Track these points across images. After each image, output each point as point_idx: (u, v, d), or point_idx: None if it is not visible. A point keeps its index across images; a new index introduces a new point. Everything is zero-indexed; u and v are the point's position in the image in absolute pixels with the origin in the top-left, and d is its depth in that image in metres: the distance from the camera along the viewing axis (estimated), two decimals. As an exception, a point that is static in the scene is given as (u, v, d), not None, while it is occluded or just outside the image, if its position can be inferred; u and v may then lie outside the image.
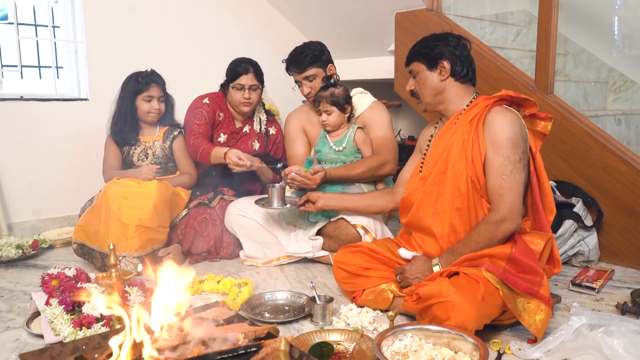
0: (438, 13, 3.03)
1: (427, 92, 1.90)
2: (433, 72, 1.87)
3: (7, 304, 1.99)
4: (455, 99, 1.88)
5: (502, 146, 1.71)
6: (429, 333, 1.50)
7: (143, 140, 2.66)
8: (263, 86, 2.70)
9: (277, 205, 2.25)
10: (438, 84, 1.87)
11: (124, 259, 2.27)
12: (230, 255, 2.57)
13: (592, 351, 1.44)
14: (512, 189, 1.70)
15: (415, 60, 1.91)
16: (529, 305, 1.60)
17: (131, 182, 2.44)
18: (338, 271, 1.97)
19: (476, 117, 1.78)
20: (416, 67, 1.91)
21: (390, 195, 2.16)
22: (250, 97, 2.63)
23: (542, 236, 1.75)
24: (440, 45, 1.86)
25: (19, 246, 2.55)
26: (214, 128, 2.72)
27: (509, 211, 1.70)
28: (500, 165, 1.71)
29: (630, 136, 3.27)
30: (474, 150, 1.75)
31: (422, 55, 1.89)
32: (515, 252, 1.64)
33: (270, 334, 1.34)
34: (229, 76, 2.66)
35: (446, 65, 1.85)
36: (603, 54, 3.47)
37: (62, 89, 3.18)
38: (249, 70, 2.61)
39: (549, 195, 1.79)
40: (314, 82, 2.51)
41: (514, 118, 1.74)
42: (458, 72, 1.86)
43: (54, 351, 1.28)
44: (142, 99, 2.58)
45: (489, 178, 1.73)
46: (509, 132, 1.71)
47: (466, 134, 1.78)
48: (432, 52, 1.87)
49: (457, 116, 1.86)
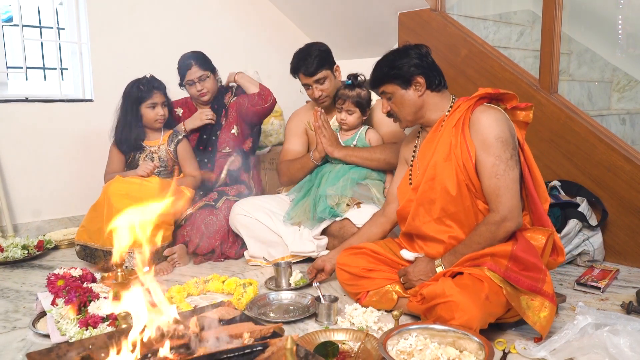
0: (441, 13, 3.03)
1: (407, 111, 1.86)
2: (408, 90, 1.83)
3: (13, 304, 2.00)
4: (435, 108, 1.85)
5: (492, 145, 1.69)
6: (434, 332, 1.50)
7: (148, 145, 2.67)
8: (214, 71, 2.77)
9: (284, 285, 2.16)
10: (416, 100, 1.84)
11: (128, 255, 2.27)
12: (235, 255, 2.57)
13: (597, 350, 1.43)
14: (508, 187, 1.69)
15: (385, 83, 1.86)
16: (532, 302, 1.60)
17: (133, 179, 2.45)
18: (341, 273, 1.96)
19: (460, 120, 1.76)
20: (389, 89, 1.86)
21: (383, 217, 2.11)
22: (204, 88, 2.70)
23: (543, 231, 1.74)
24: (407, 62, 1.82)
25: (24, 247, 2.56)
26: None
27: (508, 210, 1.69)
28: (492, 165, 1.69)
29: (634, 135, 3.26)
30: (463, 153, 1.74)
31: (393, 76, 1.83)
32: (517, 249, 1.64)
33: (276, 333, 1.35)
34: (180, 77, 2.74)
35: (420, 81, 1.82)
36: (607, 53, 3.46)
37: (67, 90, 3.19)
38: (191, 65, 2.68)
39: (542, 184, 1.78)
40: (324, 85, 2.50)
41: (498, 115, 1.73)
42: (433, 84, 1.83)
43: (60, 350, 1.29)
44: (146, 107, 2.58)
45: (483, 179, 1.72)
46: (496, 131, 1.70)
47: (453, 138, 1.76)
48: (401, 71, 1.82)
49: (441, 122, 1.84)
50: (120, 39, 3.18)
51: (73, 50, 3.18)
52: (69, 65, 3.24)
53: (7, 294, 2.12)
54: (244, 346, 1.24)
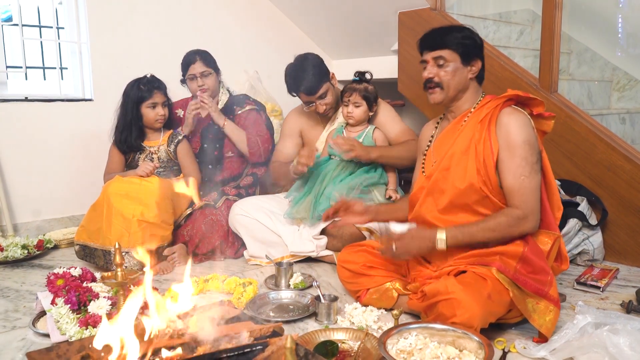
0: (441, 12, 3.02)
1: (455, 86, 1.82)
2: (465, 67, 1.82)
3: (13, 304, 2.00)
4: (468, 98, 1.86)
5: (519, 148, 1.69)
6: (433, 331, 1.50)
7: (148, 145, 2.66)
8: (217, 72, 2.77)
9: (284, 285, 2.15)
10: (466, 80, 1.83)
11: (127, 254, 2.27)
12: (235, 255, 2.57)
13: (597, 349, 1.43)
14: (533, 190, 1.69)
15: (449, 48, 1.80)
16: (538, 305, 1.60)
17: (132, 179, 2.45)
18: (342, 271, 1.97)
19: (487, 116, 1.76)
20: (449, 56, 1.79)
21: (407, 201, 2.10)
22: (205, 84, 2.69)
23: (550, 235, 1.75)
24: (476, 42, 1.82)
25: (24, 246, 2.56)
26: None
27: (530, 211, 1.68)
28: (517, 166, 1.69)
29: (634, 135, 3.26)
30: (485, 149, 1.73)
31: (460, 46, 1.80)
32: (528, 251, 1.64)
33: (276, 332, 1.35)
34: (182, 70, 2.74)
35: (477, 65, 1.83)
36: (607, 52, 3.46)
37: (67, 90, 3.19)
38: (196, 59, 2.69)
39: (556, 193, 1.79)
40: (326, 98, 2.51)
41: (526, 120, 1.74)
42: (482, 75, 1.85)
43: (60, 350, 1.29)
44: (146, 107, 2.58)
45: (506, 178, 1.71)
46: (524, 135, 1.70)
47: (477, 133, 1.76)
48: (469, 47, 1.80)
49: (466, 115, 1.84)
50: (120, 39, 3.18)
51: (73, 50, 3.18)
52: (68, 65, 3.24)
53: (7, 293, 2.12)
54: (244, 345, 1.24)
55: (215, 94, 2.80)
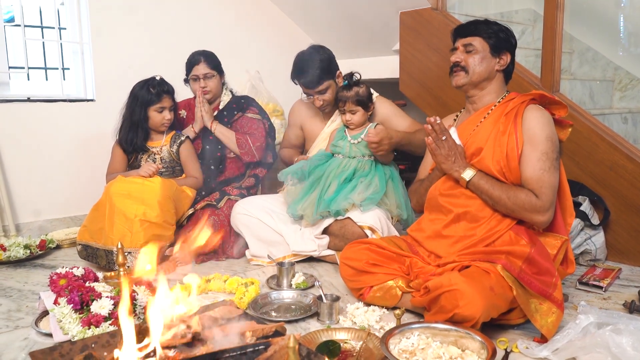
0: (443, 12, 3.02)
1: (481, 72, 1.87)
2: (493, 58, 1.87)
3: (15, 304, 2.00)
4: (492, 91, 1.90)
5: (542, 143, 1.73)
6: (436, 331, 1.50)
7: (151, 146, 2.66)
8: (221, 74, 2.79)
9: (286, 285, 2.15)
10: (492, 70, 1.88)
11: (130, 255, 2.27)
12: (237, 254, 2.58)
13: (600, 349, 1.43)
14: (551, 185, 1.73)
15: (481, 36, 1.87)
16: (541, 306, 1.61)
17: (134, 179, 2.45)
18: (344, 268, 1.95)
19: (514, 110, 1.80)
20: (479, 44, 1.87)
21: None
22: (207, 85, 2.71)
23: (558, 238, 1.77)
24: (508, 37, 1.88)
25: (26, 246, 2.57)
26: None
27: (548, 204, 1.72)
28: (538, 160, 1.73)
29: (636, 134, 3.26)
30: (510, 142, 1.77)
31: (492, 36, 1.86)
32: (534, 252, 1.65)
33: (278, 332, 1.35)
34: (186, 70, 2.75)
35: (506, 58, 1.87)
36: (609, 52, 3.46)
37: (69, 90, 3.19)
38: (200, 60, 2.70)
39: (569, 198, 1.82)
40: (326, 95, 2.51)
41: (550, 118, 1.78)
42: (510, 69, 1.89)
43: (63, 349, 1.29)
44: (154, 110, 2.58)
45: (526, 169, 1.75)
46: (548, 131, 1.74)
47: (502, 125, 1.80)
48: (501, 39, 1.86)
49: (490, 107, 1.88)
50: (121, 39, 3.19)
51: (75, 50, 3.18)
52: (70, 65, 3.24)
53: (9, 293, 2.12)
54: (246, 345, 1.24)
55: (217, 96, 2.80)
